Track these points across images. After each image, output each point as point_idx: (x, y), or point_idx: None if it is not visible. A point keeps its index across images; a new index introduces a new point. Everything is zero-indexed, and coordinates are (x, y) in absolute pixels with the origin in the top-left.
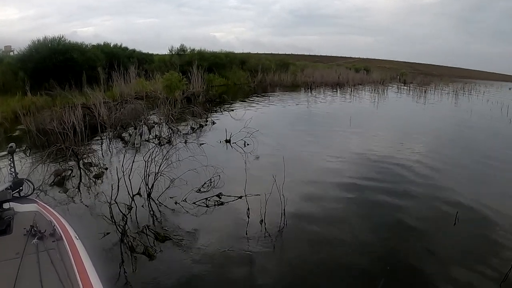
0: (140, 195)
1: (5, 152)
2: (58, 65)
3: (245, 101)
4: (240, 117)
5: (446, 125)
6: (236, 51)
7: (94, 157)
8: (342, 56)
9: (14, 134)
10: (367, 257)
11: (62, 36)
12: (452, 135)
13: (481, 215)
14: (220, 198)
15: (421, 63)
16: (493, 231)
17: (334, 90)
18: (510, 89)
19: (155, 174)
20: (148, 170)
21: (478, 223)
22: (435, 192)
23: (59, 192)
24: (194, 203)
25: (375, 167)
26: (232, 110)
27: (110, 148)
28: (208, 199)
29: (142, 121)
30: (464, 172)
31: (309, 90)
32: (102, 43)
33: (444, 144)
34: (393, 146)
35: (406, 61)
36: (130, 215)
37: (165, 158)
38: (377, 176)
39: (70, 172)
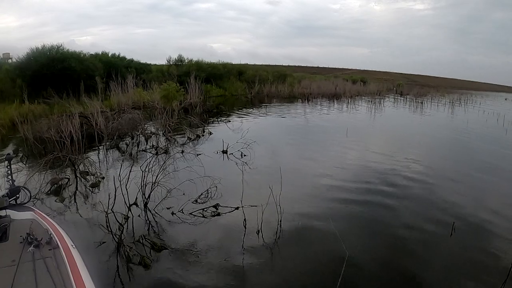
0: (137, 205)
1: (2, 160)
2: (56, 74)
3: (242, 112)
4: (237, 128)
5: (442, 136)
6: (233, 62)
7: (91, 166)
8: (339, 67)
9: (6, 148)
10: (363, 268)
11: (61, 45)
12: (448, 146)
13: (478, 226)
14: (217, 209)
15: (417, 74)
16: (489, 241)
17: (331, 102)
18: (506, 99)
19: (152, 184)
20: (145, 180)
21: (474, 234)
22: (431, 203)
23: (55, 200)
24: (190, 213)
25: (372, 178)
26: (229, 121)
27: (107, 158)
28: (205, 209)
29: (139, 131)
30: (461, 183)
31: (306, 101)
32: (100, 53)
33: (441, 155)
34: (390, 157)
35: (403, 72)
36: (127, 225)
37: (162, 168)
38: (373, 187)
39: (67, 180)
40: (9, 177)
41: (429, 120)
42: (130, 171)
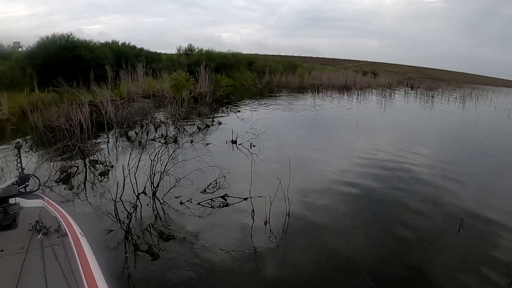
0: (145, 194)
1: (12, 148)
2: (66, 62)
3: (251, 102)
4: (246, 118)
5: (452, 131)
6: (242, 52)
7: (100, 155)
8: (350, 59)
9: (16, 136)
10: (371, 262)
11: (71, 34)
12: (458, 141)
13: (486, 222)
14: (225, 199)
15: (428, 68)
16: (498, 239)
17: (341, 93)
18: None
19: (161, 173)
20: (154, 169)
21: (482, 231)
22: (440, 198)
23: (64, 188)
24: (199, 203)
25: (381, 171)
26: (239, 111)
27: (116, 146)
28: (213, 199)
29: (149, 120)
30: (470, 179)
31: (316, 92)
32: (110, 41)
33: (450, 150)
34: (399, 151)
35: (413, 65)
36: (135, 214)
37: (171, 157)
38: (382, 181)
39: (76, 169)
40: (19, 165)
41: (439, 114)
42: (139, 160)
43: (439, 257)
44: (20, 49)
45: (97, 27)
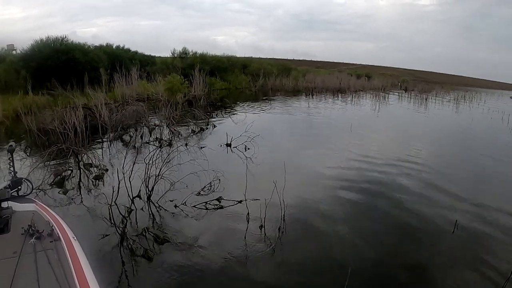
0: (140, 198)
1: (5, 151)
2: (60, 65)
3: (246, 105)
4: (241, 121)
5: (446, 133)
6: (237, 55)
7: (95, 158)
8: (344, 62)
9: (10, 139)
10: (367, 264)
11: (65, 36)
12: (452, 143)
13: (481, 224)
14: (220, 202)
15: (422, 71)
16: (492, 240)
17: (335, 96)
18: (511, 97)
19: (156, 177)
20: (148, 172)
21: (477, 232)
22: (434, 200)
23: (58, 192)
24: (194, 206)
25: (375, 174)
26: (233, 114)
27: (111, 150)
28: (208, 203)
29: (143, 123)
30: (464, 180)
31: (311, 95)
32: (104, 44)
33: (444, 152)
34: (394, 154)
35: (408, 68)
36: (130, 218)
37: (165, 161)
38: (377, 183)
39: (70, 172)
40: (11, 168)
41: (433, 117)
42: (134, 164)
43: (435, 257)
44: (14, 52)
45: (92, 29)
